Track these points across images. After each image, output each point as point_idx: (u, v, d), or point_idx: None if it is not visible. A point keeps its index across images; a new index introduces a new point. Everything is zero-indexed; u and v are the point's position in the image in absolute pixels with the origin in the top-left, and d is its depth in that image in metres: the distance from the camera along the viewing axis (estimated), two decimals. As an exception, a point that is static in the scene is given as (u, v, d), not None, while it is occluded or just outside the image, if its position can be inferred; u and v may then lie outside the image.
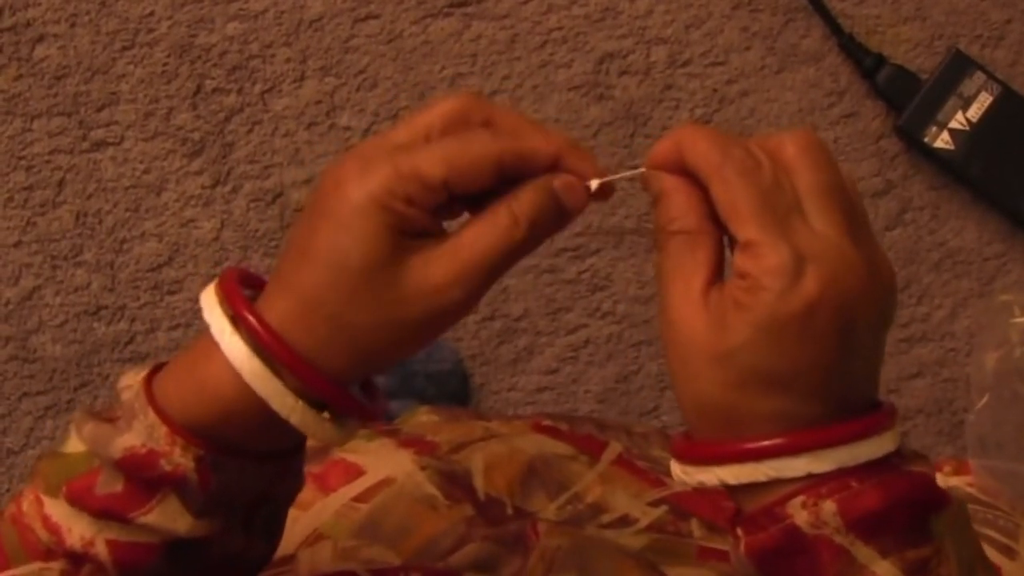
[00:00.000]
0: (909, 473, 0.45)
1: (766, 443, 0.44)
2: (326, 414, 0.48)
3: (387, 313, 0.46)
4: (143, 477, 0.48)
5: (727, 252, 0.46)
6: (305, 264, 0.46)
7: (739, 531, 0.46)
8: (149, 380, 0.49)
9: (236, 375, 0.46)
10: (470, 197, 0.47)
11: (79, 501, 0.49)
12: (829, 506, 0.44)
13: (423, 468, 0.69)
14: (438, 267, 0.45)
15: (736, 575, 0.47)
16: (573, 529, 0.64)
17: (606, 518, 0.67)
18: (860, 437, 0.45)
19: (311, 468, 0.70)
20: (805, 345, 0.44)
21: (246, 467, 0.49)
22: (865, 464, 0.45)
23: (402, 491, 0.67)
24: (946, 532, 0.45)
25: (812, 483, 0.44)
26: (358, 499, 0.68)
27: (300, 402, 0.47)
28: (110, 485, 0.48)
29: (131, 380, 0.49)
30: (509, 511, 0.67)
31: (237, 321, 0.47)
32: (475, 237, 0.46)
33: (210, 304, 0.48)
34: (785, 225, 0.44)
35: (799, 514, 0.44)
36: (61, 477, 0.49)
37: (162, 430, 0.48)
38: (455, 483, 0.68)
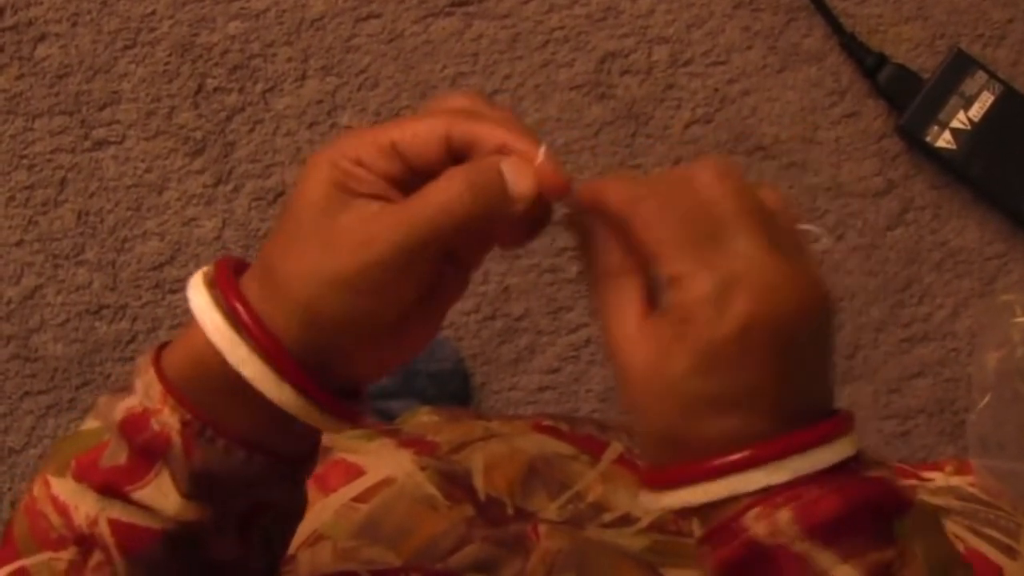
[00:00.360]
0: (867, 478, 0.46)
1: (719, 461, 0.45)
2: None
3: (318, 263, 0.46)
4: (139, 442, 0.49)
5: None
6: (273, 230, 0.48)
7: (706, 549, 0.47)
8: (162, 346, 0.50)
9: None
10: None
11: (85, 476, 0.49)
12: (784, 514, 0.44)
13: (423, 468, 0.69)
14: (374, 222, 0.46)
15: None
16: (573, 530, 0.64)
17: (607, 517, 0.68)
18: (814, 445, 0.45)
19: (311, 468, 0.70)
20: (746, 364, 0.44)
21: (232, 450, 0.49)
22: (822, 471, 0.45)
23: (402, 491, 0.68)
24: (913, 535, 0.45)
25: (767, 494, 0.45)
26: (358, 499, 0.68)
27: (254, 356, 0.47)
28: (115, 457, 0.49)
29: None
30: (510, 511, 0.67)
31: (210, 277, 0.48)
32: (415, 199, 0.46)
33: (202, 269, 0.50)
34: (705, 253, 0.44)
35: (755, 526, 0.45)
36: (71, 453, 0.50)
37: (157, 387, 0.48)
38: (455, 483, 0.68)
